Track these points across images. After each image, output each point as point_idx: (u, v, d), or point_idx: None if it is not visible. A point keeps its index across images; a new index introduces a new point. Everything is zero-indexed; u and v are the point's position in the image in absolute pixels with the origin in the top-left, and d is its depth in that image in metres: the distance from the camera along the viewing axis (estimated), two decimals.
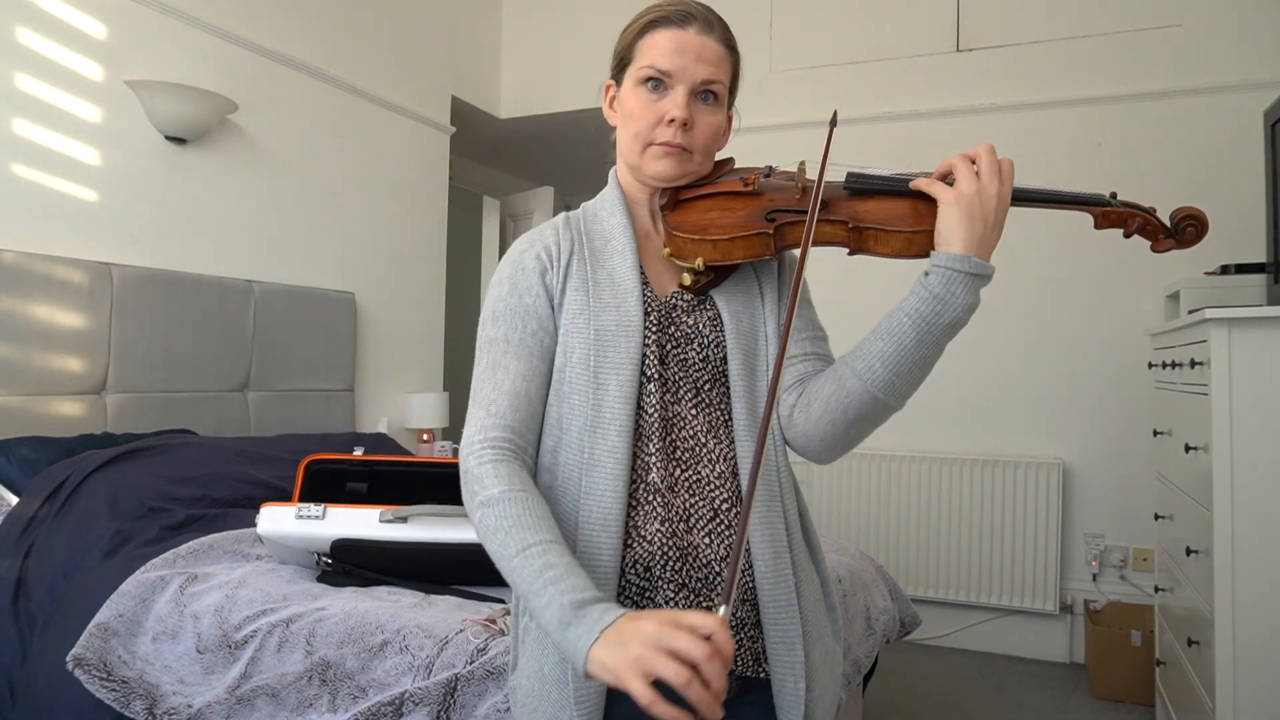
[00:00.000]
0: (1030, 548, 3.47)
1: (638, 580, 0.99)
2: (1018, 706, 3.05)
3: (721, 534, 1.01)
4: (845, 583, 2.26)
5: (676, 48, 1.03)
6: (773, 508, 1.03)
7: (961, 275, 0.94)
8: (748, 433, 1.03)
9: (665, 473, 1.00)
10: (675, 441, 1.02)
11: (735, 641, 1.00)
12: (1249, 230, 3.13)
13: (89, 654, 1.75)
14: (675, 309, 1.06)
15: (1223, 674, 1.91)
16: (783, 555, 1.02)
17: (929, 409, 3.72)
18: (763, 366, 1.07)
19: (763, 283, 1.11)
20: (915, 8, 3.80)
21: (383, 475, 2.02)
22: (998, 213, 0.96)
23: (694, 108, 1.04)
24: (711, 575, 1.00)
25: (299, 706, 1.56)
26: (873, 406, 0.99)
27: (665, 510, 0.99)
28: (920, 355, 0.96)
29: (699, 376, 1.04)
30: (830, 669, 1.07)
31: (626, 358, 1.01)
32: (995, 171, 0.96)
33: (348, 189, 3.66)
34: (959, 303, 0.94)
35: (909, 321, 0.95)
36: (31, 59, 2.53)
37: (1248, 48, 3.27)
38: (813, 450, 1.05)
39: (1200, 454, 2.07)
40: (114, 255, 2.72)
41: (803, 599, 1.03)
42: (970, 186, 0.95)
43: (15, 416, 2.41)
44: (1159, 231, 1.03)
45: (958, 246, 0.94)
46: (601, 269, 1.06)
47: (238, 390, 3.08)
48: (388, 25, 3.85)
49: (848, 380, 0.99)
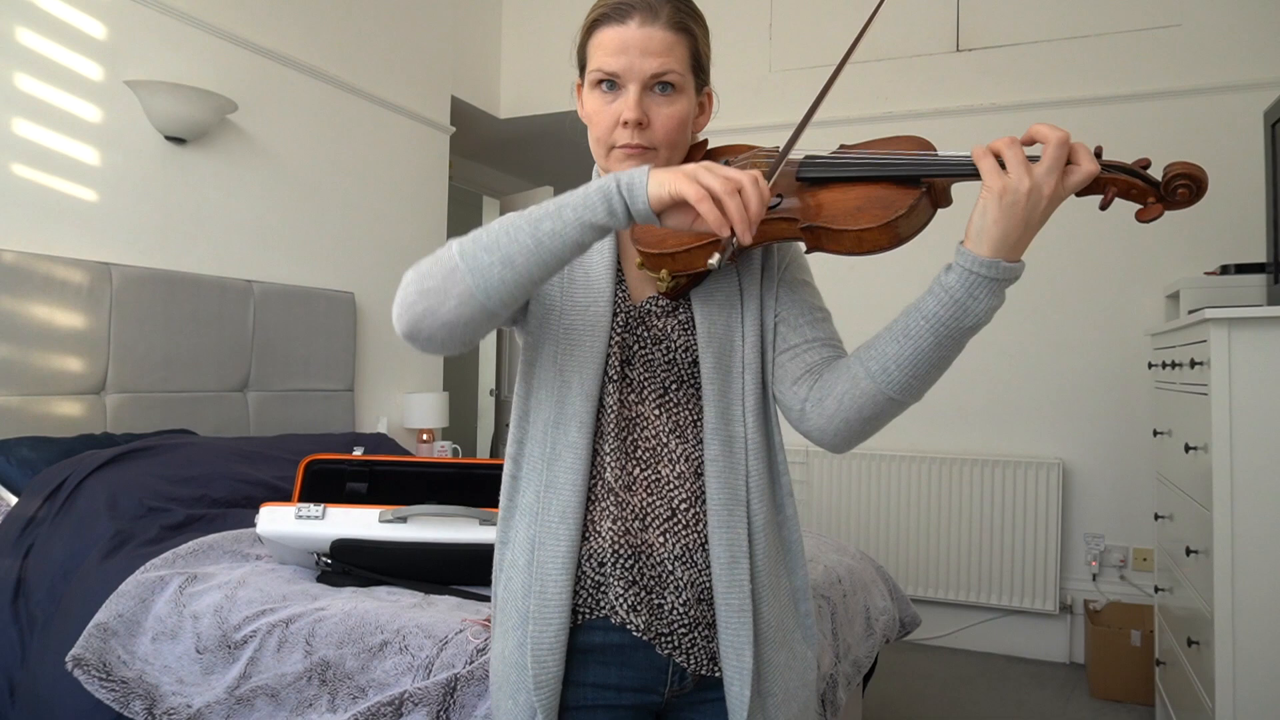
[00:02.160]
0: (1030, 548, 3.47)
1: (592, 573, 1.01)
2: (1018, 706, 3.05)
3: (678, 533, 1.01)
4: (845, 583, 2.26)
5: (620, 46, 1.00)
6: (735, 512, 1.01)
7: (986, 280, 0.88)
8: (716, 435, 1.01)
9: (622, 471, 1.01)
10: (636, 441, 1.03)
11: (691, 640, 1.01)
12: (1249, 230, 3.13)
13: (88, 654, 1.75)
14: (649, 314, 1.05)
15: (1223, 674, 1.91)
16: (740, 561, 1.00)
17: (929, 409, 3.71)
18: (738, 368, 1.04)
19: (743, 280, 1.07)
20: (915, 8, 3.80)
21: (382, 475, 2.02)
22: (1044, 214, 0.87)
23: (649, 102, 1.01)
24: (665, 574, 1.01)
25: (299, 706, 1.56)
26: (888, 406, 0.96)
27: (618, 509, 1.01)
28: (939, 357, 0.92)
29: (665, 378, 1.03)
30: (799, 674, 1.06)
31: (590, 356, 1.02)
32: (1057, 168, 0.85)
33: (348, 189, 3.66)
34: (981, 308, 0.89)
35: (927, 325, 0.91)
36: (31, 59, 2.53)
37: (1247, 48, 3.27)
38: (828, 443, 1.03)
39: (1200, 454, 2.07)
40: (114, 255, 2.72)
41: (763, 604, 1.02)
42: (1023, 182, 0.85)
43: (15, 416, 2.41)
44: (1147, 194, 0.89)
45: (986, 249, 0.87)
46: (579, 267, 1.06)
47: (237, 390, 3.08)
48: (388, 25, 3.85)
49: (861, 381, 0.96)
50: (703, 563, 1.01)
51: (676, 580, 1.00)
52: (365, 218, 3.75)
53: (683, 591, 1.00)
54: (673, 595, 1.00)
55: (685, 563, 1.01)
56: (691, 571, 1.01)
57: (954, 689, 3.20)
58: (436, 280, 0.90)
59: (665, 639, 1.01)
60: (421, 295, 0.91)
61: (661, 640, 1.00)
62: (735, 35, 4.10)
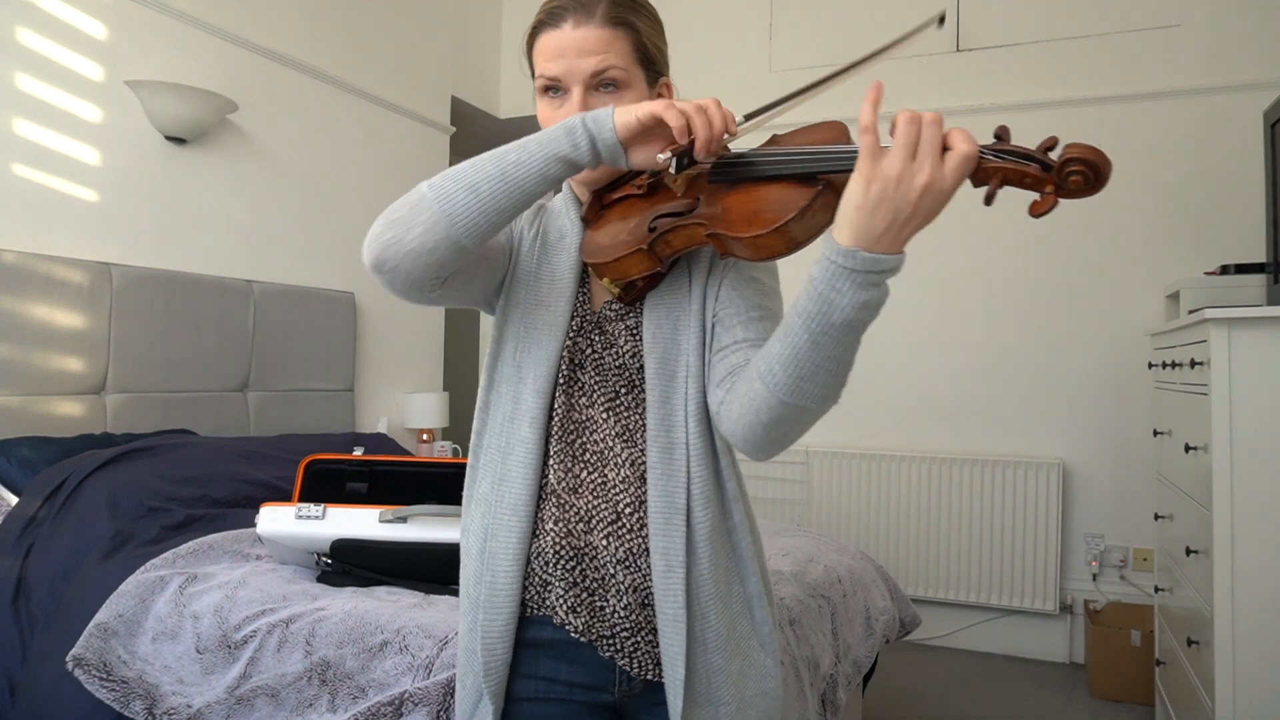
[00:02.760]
0: (1030, 548, 3.47)
1: (540, 571, 1.01)
2: (1018, 706, 3.05)
3: (622, 537, 1.01)
4: (845, 583, 2.26)
5: (557, 50, 1.00)
6: (671, 520, 0.98)
7: (845, 271, 0.78)
8: (656, 440, 1.00)
9: (567, 474, 1.02)
10: (585, 444, 1.03)
11: (634, 644, 1.00)
12: (1249, 230, 3.13)
13: (89, 654, 1.75)
14: (604, 319, 1.06)
15: (1222, 674, 1.91)
16: (675, 569, 0.98)
17: (929, 409, 3.73)
18: (682, 373, 1.01)
19: (693, 284, 1.03)
20: (915, 8, 3.79)
21: (382, 475, 2.02)
22: (920, 207, 0.76)
23: (595, 102, 1.00)
24: (607, 577, 1.00)
25: (299, 706, 1.56)
26: (782, 410, 0.88)
27: (560, 510, 1.01)
28: (822, 357, 0.83)
29: (616, 382, 1.03)
30: (757, 683, 1.03)
31: (545, 354, 1.03)
32: (933, 154, 0.76)
33: (348, 189, 3.66)
34: (845, 301, 0.79)
35: (800, 322, 0.83)
36: (31, 59, 2.53)
37: (1248, 48, 3.27)
38: (742, 449, 0.98)
39: (1200, 454, 2.07)
40: (114, 255, 2.72)
41: (711, 612, 1.00)
42: (894, 168, 0.76)
43: (15, 416, 2.41)
44: (1042, 182, 0.76)
45: (846, 237, 0.78)
46: (547, 264, 1.07)
47: (238, 390, 3.08)
48: (388, 25, 3.85)
49: (755, 384, 0.89)
50: (645, 567, 1.01)
51: (618, 584, 1.00)
52: (365, 218, 3.70)
53: (624, 595, 1.00)
54: (614, 598, 1.00)
55: (628, 566, 1.00)
56: (634, 575, 1.00)
57: (954, 689, 3.20)
58: (404, 210, 0.91)
59: (607, 641, 1.00)
60: (389, 225, 0.92)
61: (603, 642, 1.00)
62: (735, 35, 4.10)
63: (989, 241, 3.62)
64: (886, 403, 3.79)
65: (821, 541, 2.46)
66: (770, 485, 3.89)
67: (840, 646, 2.10)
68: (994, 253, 3.62)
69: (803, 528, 3.11)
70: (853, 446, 3.79)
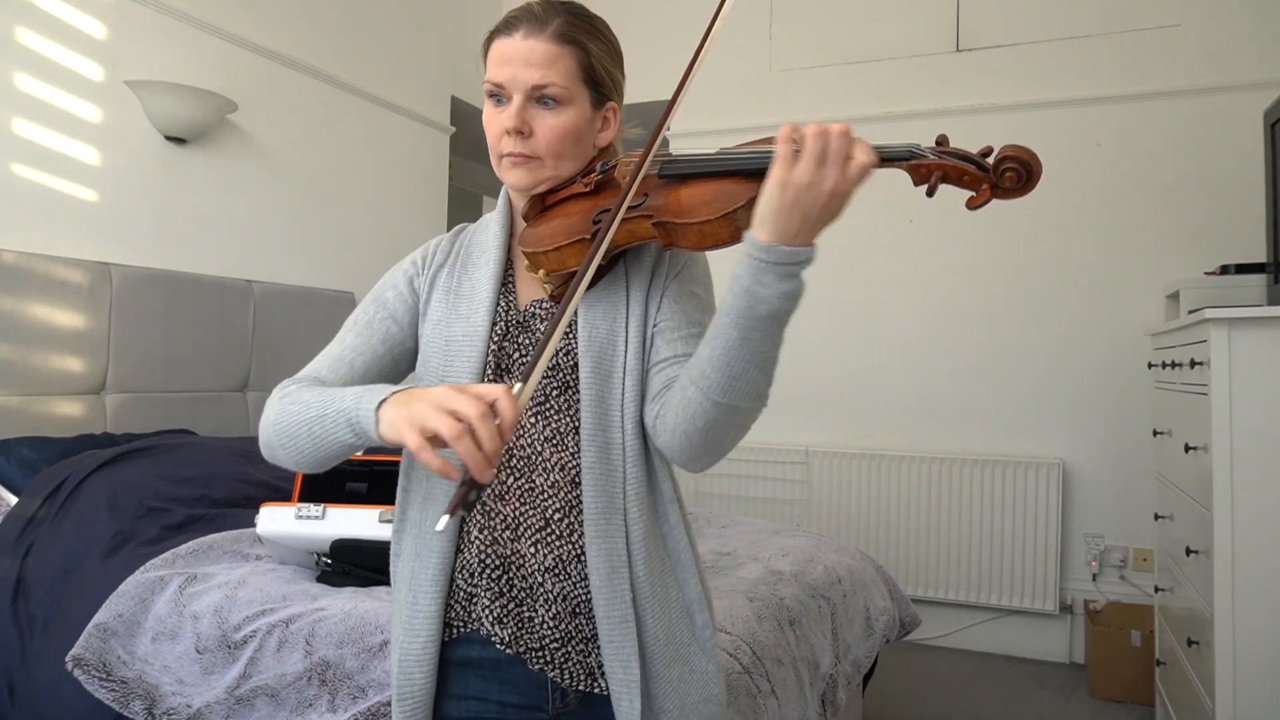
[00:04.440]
0: (1030, 548, 3.47)
1: (465, 585, 1.01)
2: (1018, 706, 3.05)
3: (551, 544, 0.99)
4: (845, 583, 2.26)
5: (505, 57, 1.01)
6: (612, 521, 0.98)
7: (768, 265, 0.84)
8: (593, 441, 0.99)
9: (494, 480, 1.00)
10: (511, 450, 1.01)
11: (565, 655, 0.99)
12: (1249, 230, 3.13)
13: (88, 654, 1.75)
14: (533, 318, 1.05)
15: (1222, 674, 1.91)
16: (619, 571, 0.97)
17: (929, 409, 3.72)
18: (618, 374, 1.01)
19: (631, 283, 1.04)
20: (915, 8, 3.80)
21: (382, 475, 2.02)
22: (828, 207, 0.84)
23: (533, 113, 1.01)
24: (535, 585, 0.99)
25: (299, 706, 1.56)
26: (717, 413, 0.91)
27: (485, 518, 1.00)
28: (750, 353, 0.88)
29: (546, 384, 1.02)
30: (698, 689, 1.02)
31: (467, 367, 1.02)
32: (839, 163, 0.83)
33: (348, 189, 3.66)
34: (769, 294, 0.85)
35: (728, 320, 0.87)
36: (31, 59, 2.53)
37: (1248, 48, 3.27)
38: (678, 460, 0.99)
39: (1200, 454, 2.07)
40: (114, 255, 2.72)
41: (648, 617, 0.99)
42: (805, 175, 0.82)
43: (15, 416, 2.41)
44: (979, 180, 0.85)
45: (765, 234, 0.84)
46: (466, 280, 1.07)
47: (238, 390, 3.08)
48: (388, 25, 3.85)
49: (689, 389, 0.92)
50: (577, 574, 0.99)
51: (547, 592, 0.99)
52: (365, 218, 3.75)
53: (553, 604, 0.99)
54: (542, 608, 0.99)
55: (557, 575, 0.99)
56: (564, 584, 0.99)
57: (954, 689, 3.20)
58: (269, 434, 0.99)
59: (536, 654, 0.99)
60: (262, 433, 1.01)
61: (532, 655, 0.99)
62: (735, 35, 4.09)
63: (989, 242, 3.62)
64: (886, 403, 3.79)
65: (821, 541, 2.46)
66: (770, 485, 3.89)
67: (840, 646, 2.10)
68: (994, 253, 3.62)
69: (803, 528, 3.11)
70: (853, 446, 3.78)
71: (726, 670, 1.59)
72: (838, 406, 3.87)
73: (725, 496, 3.97)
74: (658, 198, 0.96)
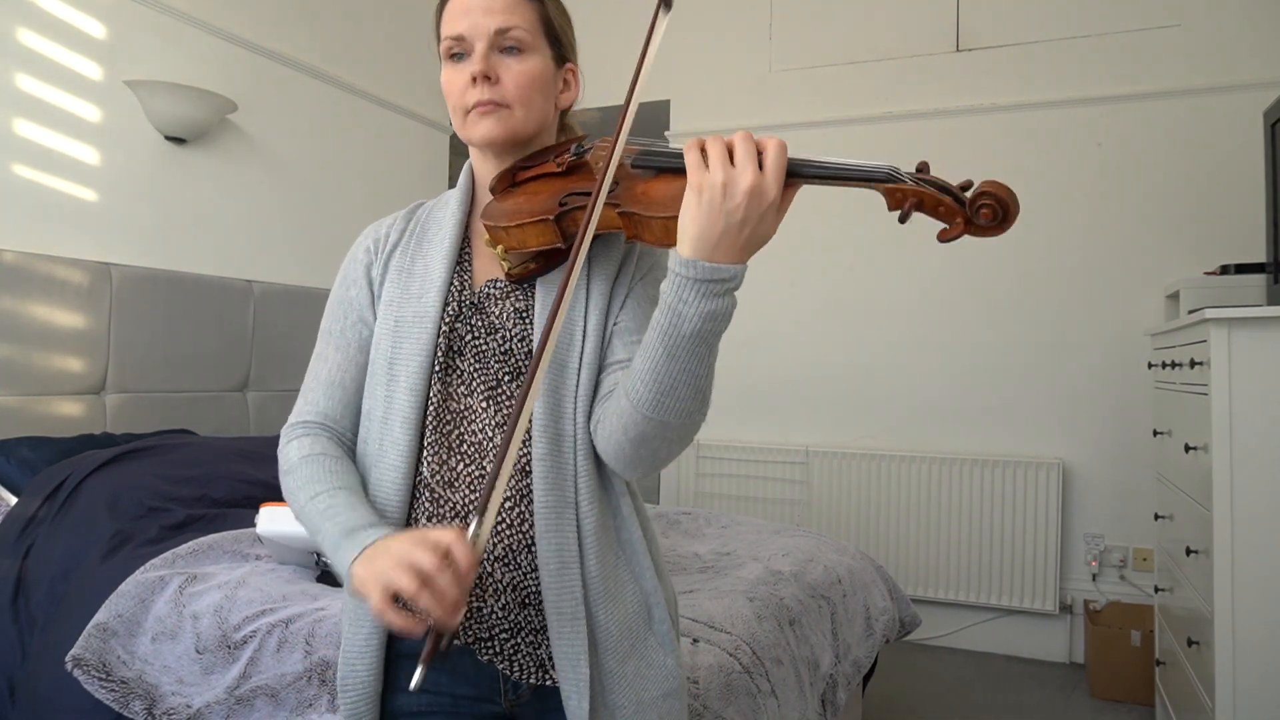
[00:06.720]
0: (1030, 548, 3.47)
1: None
2: (1018, 706, 3.05)
3: (501, 532, 0.97)
4: (845, 583, 2.26)
5: (464, 9, 1.00)
6: (564, 514, 0.95)
7: (688, 281, 0.82)
8: (545, 432, 0.96)
9: (442, 466, 0.98)
10: (462, 436, 0.99)
11: (514, 646, 0.98)
12: (1249, 230, 3.13)
13: (88, 654, 1.75)
14: (488, 299, 1.02)
15: (1222, 674, 1.91)
16: (570, 565, 0.95)
17: (929, 409, 3.72)
18: (574, 363, 0.98)
19: (594, 273, 1.01)
20: (915, 8, 3.80)
21: None
22: (750, 212, 0.80)
23: (497, 61, 1.00)
24: (484, 575, 0.97)
25: (298, 707, 1.56)
26: (647, 427, 0.89)
27: (434, 506, 0.98)
28: (678, 370, 0.85)
29: (499, 370, 0.99)
30: (657, 684, 1.00)
31: (417, 349, 0.99)
32: (750, 160, 0.80)
33: (348, 189, 3.66)
34: (692, 311, 0.82)
35: (656, 336, 0.85)
36: (31, 59, 2.53)
37: (1248, 48, 3.27)
38: (615, 468, 0.98)
39: (1200, 454, 2.07)
40: (114, 255, 2.72)
41: (599, 611, 0.96)
42: (717, 176, 0.80)
43: (15, 416, 2.41)
44: (955, 213, 0.82)
45: (686, 249, 0.82)
46: (420, 259, 1.05)
47: (238, 390, 3.08)
48: (388, 25, 3.85)
49: (622, 400, 0.90)
50: (527, 565, 0.97)
51: (496, 582, 0.97)
52: (365, 218, 3.73)
53: (502, 594, 0.97)
54: (491, 598, 0.97)
55: (507, 564, 0.97)
56: (514, 574, 0.97)
57: (954, 689, 3.20)
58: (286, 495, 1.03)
59: (485, 644, 0.98)
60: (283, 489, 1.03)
61: (481, 645, 0.98)
62: (735, 35, 4.09)
63: (989, 242, 3.60)
64: (887, 403, 3.79)
65: (821, 541, 2.46)
66: (770, 485, 3.89)
67: (840, 646, 2.10)
68: (994, 253, 3.62)
69: (803, 527, 3.11)
70: (853, 446, 3.78)
71: (727, 670, 1.60)
72: (838, 406, 3.87)
73: (725, 496, 3.97)
74: (627, 187, 0.94)
